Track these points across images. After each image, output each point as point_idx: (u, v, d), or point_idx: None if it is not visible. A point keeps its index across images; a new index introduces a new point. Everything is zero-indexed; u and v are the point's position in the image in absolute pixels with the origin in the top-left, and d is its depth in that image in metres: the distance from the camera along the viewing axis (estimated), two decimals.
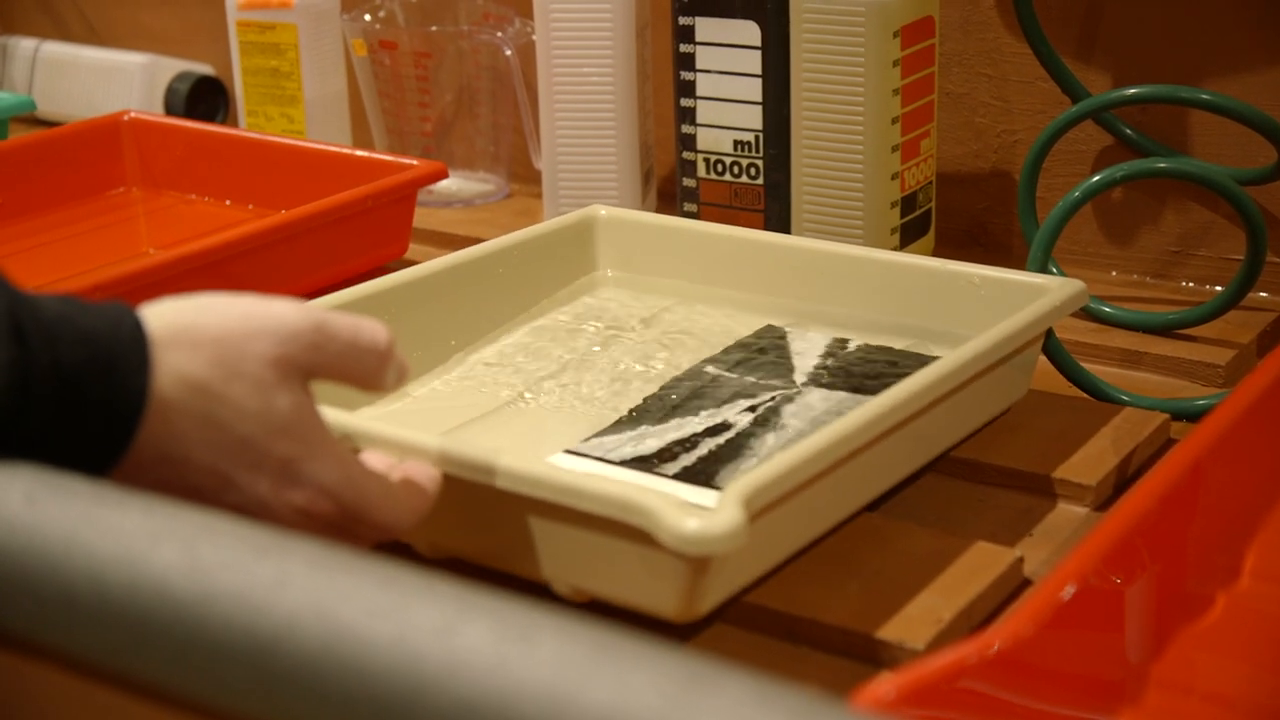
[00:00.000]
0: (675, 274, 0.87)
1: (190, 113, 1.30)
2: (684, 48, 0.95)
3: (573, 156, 1.02)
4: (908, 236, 0.94)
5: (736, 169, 0.95)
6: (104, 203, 1.13)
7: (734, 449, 0.69)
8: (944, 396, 0.68)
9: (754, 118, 0.94)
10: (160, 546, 0.43)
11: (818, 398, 0.74)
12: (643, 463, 0.68)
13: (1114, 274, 0.97)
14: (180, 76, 1.31)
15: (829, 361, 0.77)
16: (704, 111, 0.95)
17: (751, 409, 0.73)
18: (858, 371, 0.76)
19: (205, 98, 1.32)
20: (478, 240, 1.05)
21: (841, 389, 0.75)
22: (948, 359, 0.68)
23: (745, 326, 0.83)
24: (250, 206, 1.09)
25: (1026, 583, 0.65)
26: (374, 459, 0.61)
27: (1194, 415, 0.77)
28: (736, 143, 0.95)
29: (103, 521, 0.45)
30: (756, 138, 0.94)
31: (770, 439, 0.70)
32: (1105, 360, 0.85)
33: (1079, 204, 0.79)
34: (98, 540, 0.44)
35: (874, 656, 0.60)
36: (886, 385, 0.70)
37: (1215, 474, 0.57)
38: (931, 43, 0.93)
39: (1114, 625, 0.51)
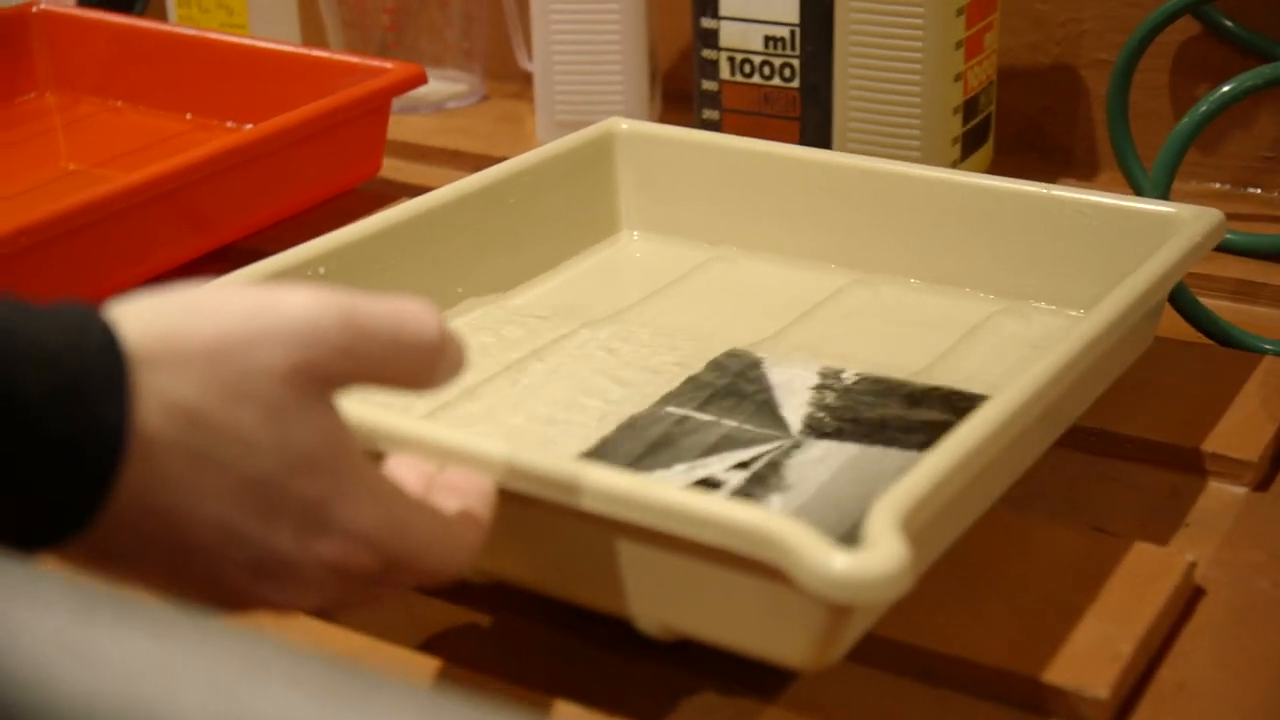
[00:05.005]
0: (716, 211, 0.73)
1: (103, 4, 1.13)
2: None
3: (571, 56, 0.87)
4: (968, 147, 0.81)
5: (767, 70, 0.82)
6: (12, 111, 0.98)
7: None
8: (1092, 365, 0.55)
9: (789, 9, 0.80)
10: (182, 687, 0.30)
11: (821, 452, 0.56)
12: None
13: (1193, 184, 0.85)
14: None
15: (826, 399, 0.60)
16: (728, 2, 0.81)
17: (743, 464, 0.55)
18: (868, 417, 0.58)
19: None
20: (457, 153, 0.91)
21: (852, 440, 0.57)
22: (1095, 317, 0.55)
23: (796, 284, 0.70)
24: (188, 115, 0.94)
25: (1200, 592, 0.54)
26: (404, 468, 0.48)
27: None
28: (768, 39, 0.81)
29: (89, 647, 0.31)
30: (792, 33, 0.80)
31: (776, 501, 0.53)
32: (1216, 294, 0.73)
33: (1209, 118, 0.66)
34: (86, 678, 0.31)
35: (1039, 704, 0.48)
36: (911, 433, 0.57)
37: None
38: None
39: None
